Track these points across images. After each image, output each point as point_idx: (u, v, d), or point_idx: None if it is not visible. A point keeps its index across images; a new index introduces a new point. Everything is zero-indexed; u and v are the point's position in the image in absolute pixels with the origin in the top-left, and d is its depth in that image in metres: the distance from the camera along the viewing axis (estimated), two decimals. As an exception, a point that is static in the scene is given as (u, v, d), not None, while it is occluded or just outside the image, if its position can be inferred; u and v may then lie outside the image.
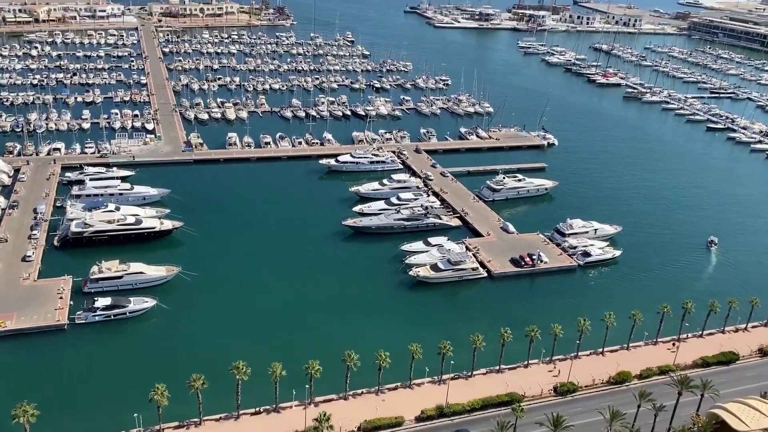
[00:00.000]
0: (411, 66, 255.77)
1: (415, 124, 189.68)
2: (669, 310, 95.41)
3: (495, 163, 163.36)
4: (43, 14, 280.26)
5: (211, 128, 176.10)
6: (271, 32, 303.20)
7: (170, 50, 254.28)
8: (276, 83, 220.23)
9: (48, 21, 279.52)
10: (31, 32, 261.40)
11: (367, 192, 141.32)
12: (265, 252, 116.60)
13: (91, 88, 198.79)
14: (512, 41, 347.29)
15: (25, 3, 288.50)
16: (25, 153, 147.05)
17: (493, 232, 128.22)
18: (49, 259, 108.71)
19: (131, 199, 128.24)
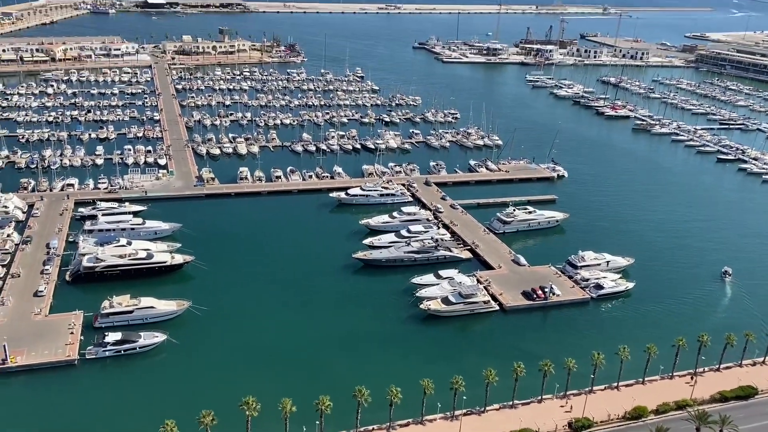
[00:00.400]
0: (420, 100, 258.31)
1: (424, 157, 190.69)
2: (685, 343, 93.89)
3: (505, 196, 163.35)
4: (59, 53, 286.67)
5: (223, 163, 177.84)
6: (282, 69, 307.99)
7: (183, 87, 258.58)
8: (287, 118, 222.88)
9: (64, 60, 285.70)
10: (47, 71, 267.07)
11: (377, 225, 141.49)
12: (276, 286, 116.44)
13: (105, 124, 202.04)
14: (520, 75, 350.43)
15: (42, 43, 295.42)
16: (39, 189, 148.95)
17: (504, 265, 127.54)
18: (61, 294, 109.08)
19: (143, 234, 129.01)
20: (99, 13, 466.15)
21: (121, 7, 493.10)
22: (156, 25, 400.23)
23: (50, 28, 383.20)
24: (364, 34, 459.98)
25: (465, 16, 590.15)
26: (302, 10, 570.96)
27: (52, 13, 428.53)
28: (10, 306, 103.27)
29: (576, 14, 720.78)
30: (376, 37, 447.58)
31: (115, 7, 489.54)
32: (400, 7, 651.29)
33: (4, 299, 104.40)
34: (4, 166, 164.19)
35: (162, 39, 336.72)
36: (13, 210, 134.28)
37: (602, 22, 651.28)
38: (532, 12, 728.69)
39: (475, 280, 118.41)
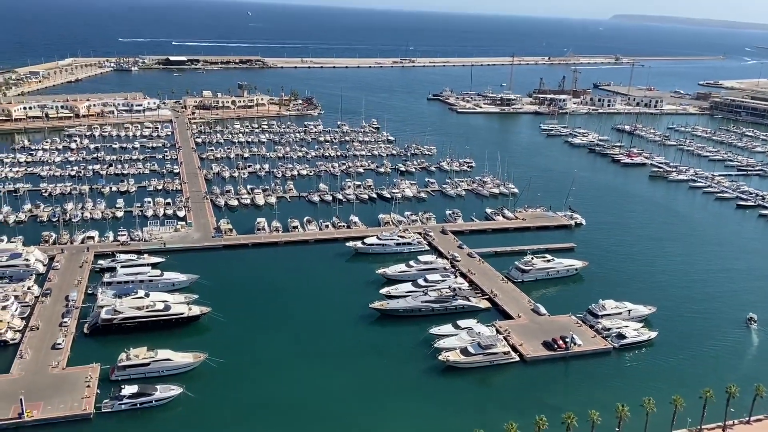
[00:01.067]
0: (435, 150, 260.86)
1: (440, 206, 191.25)
2: (712, 394, 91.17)
3: (522, 244, 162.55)
4: (83, 110, 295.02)
5: (241, 214, 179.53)
6: (299, 121, 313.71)
7: (203, 140, 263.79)
8: (304, 169, 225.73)
9: (88, 116, 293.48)
10: (71, 127, 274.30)
11: (394, 274, 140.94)
12: (293, 337, 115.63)
13: (126, 177, 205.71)
14: (534, 124, 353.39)
15: (67, 100, 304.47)
16: (60, 242, 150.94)
17: (523, 315, 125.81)
18: (79, 346, 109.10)
19: (161, 286, 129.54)
20: (122, 71, 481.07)
21: (144, 65, 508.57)
22: (177, 81, 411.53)
23: (75, 85, 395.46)
24: (379, 87, 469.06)
25: (478, 68, 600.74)
26: (319, 65, 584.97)
27: (77, 72, 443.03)
28: (29, 359, 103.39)
29: (588, 65, 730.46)
30: (391, 90, 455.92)
31: (138, 65, 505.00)
32: (414, 61, 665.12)
33: (22, 352, 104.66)
34: (27, 219, 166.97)
35: (183, 94, 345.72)
36: (35, 263, 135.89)
37: (615, 71, 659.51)
38: (544, 63, 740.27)
39: (494, 331, 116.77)
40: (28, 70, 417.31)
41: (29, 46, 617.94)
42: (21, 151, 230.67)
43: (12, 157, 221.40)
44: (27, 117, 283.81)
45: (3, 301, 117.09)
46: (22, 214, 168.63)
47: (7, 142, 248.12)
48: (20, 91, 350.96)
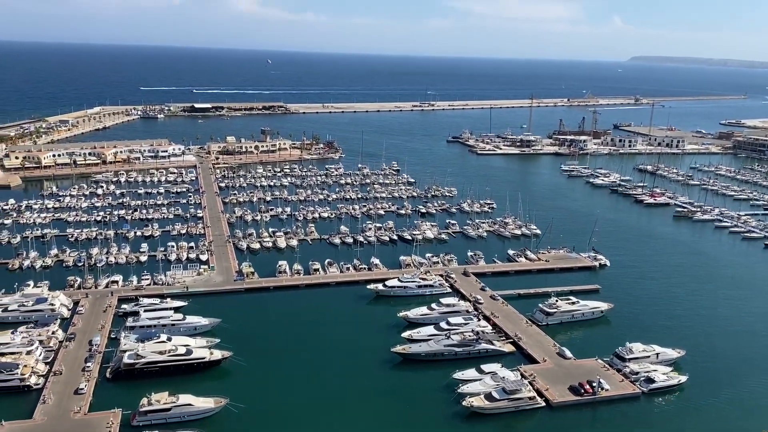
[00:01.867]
0: (455, 191, 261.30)
1: (462, 248, 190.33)
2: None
3: (546, 286, 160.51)
4: (110, 156, 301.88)
5: (263, 257, 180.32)
6: (320, 165, 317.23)
7: (226, 185, 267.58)
8: (325, 212, 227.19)
9: (114, 162, 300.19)
10: (98, 173, 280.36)
11: (416, 317, 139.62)
12: (314, 381, 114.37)
13: (150, 222, 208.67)
14: (555, 165, 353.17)
15: (95, 147, 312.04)
16: (84, 286, 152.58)
17: (549, 358, 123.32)
18: (101, 391, 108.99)
19: (183, 330, 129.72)
20: (149, 118, 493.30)
21: (170, 112, 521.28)
22: (202, 128, 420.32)
23: (103, 133, 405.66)
24: (399, 130, 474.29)
25: (497, 110, 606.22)
26: (340, 110, 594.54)
27: (105, 119, 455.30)
28: (51, 404, 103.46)
29: (608, 106, 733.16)
30: (411, 133, 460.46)
31: (164, 112, 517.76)
32: (433, 104, 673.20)
33: (45, 397, 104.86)
34: (54, 264, 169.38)
35: (207, 140, 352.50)
36: (59, 307, 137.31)
37: (635, 112, 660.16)
38: (563, 105, 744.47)
39: (519, 375, 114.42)
40: (58, 118, 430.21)
41: (60, 95, 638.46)
42: (49, 198, 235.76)
43: (41, 203, 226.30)
44: (56, 164, 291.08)
45: (28, 346, 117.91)
46: (49, 259, 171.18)
47: (37, 188, 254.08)
48: (50, 139, 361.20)
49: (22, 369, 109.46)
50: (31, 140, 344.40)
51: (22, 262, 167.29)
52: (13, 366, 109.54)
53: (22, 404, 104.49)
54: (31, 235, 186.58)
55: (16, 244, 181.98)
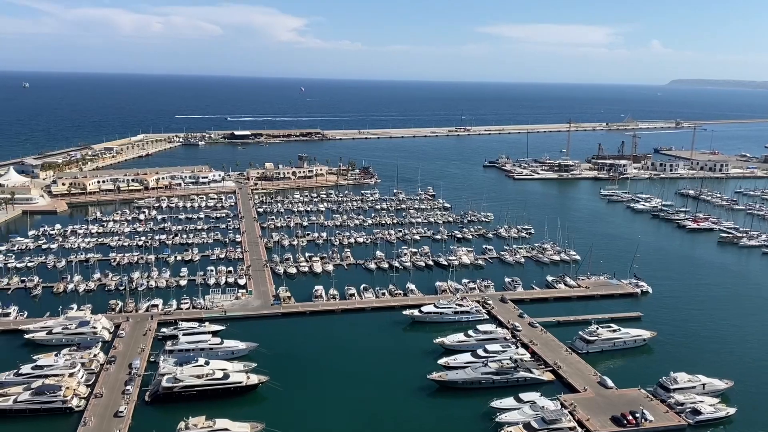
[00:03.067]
0: (492, 216, 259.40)
1: (499, 273, 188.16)
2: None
3: (586, 313, 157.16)
4: (152, 182, 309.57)
5: (299, 282, 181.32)
6: (356, 190, 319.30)
7: (264, 210, 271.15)
8: (361, 237, 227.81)
9: (156, 188, 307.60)
10: (141, 199, 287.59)
11: (453, 344, 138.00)
12: (349, 408, 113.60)
13: (190, 247, 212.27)
14: (594, 190, 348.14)
15: (138, 173, 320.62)
16: (126, 310, 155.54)
17: (589, 388, 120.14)
18: (140, 414, 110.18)
19: (220, 354, 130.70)
20: (190, 145, 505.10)
21: (210, 139, 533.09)
22: (241, 154, 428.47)
23: (146, 160, 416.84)
24: (435, 155, 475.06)
25: (534, 135, 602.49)
26: (376, 136, 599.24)
27: (148, 147, 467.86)
28: (91, 426, 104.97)
29: (648, 130, 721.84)
30: (447, 158, 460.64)
31: (205, 139, 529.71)
32: (469, 130, 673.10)
33: (86, 419, 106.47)
34: (96, 288, 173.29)
35: (246, 166, 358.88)
36: (101, 331, 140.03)
37: (676, 135, 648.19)
38: (602, 129, 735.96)
39: (558, 404, 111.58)
40: (103, 146, 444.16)
41: (105, 123, 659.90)
42: (93, 223, 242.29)
43: (85, 228, 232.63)
44: (100, 190, 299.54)
45: (71, 368, 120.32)
46: (92, 282, 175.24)
47: (82, 214, 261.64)
48: (95, 165, 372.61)
49: (64, 391, 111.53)
50: (77, 167, 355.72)
51: (67, 286, 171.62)
52: (56, 388, 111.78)
53: (64, 426, 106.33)
54: (75, 259, 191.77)
55: (61, 268, 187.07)
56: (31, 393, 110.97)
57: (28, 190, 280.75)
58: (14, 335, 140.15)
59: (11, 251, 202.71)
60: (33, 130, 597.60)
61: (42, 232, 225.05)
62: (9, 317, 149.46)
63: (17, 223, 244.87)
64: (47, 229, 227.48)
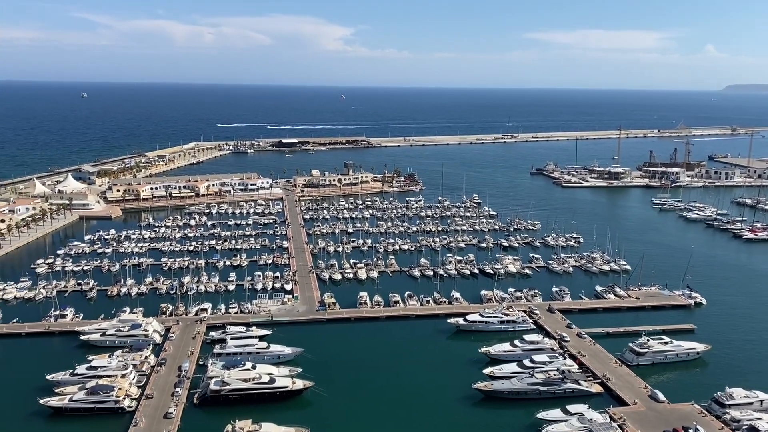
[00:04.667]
0: (539, 225, 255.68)
1: (546, 283, 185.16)
2: None
3: (636, 324, 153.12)
4: (203, 189, 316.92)
5: (344, 288, 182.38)
6: (401, 197, 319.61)
7: (310, 217, 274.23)
8: (405, 244, 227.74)
9: (207, 195, 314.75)
10: (191, 205, 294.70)
11: (498, 353, 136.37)
12: (393, 415, 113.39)
13: (239, 252, 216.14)
14: (645, 198, 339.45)
15: (189, 180, 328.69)
16: (176, 313, 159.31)
17: (640, 401, 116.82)
18: (189, 416, 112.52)
19: (267, 358, 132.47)
20: (239, 153, 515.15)
21: (259, 147, 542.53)
22: (288, 162, 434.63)
23: (197, 167, 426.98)
24: (480, 162, 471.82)
25: (583, 142, 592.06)
26: (421, 143, 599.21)
27: (199, 154, 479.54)
28: (142, 427, 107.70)
29: (702, 136, 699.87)
30: (493, 165, 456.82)
31: (254, 147, 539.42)
32: (516, 136, 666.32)
33: (137, 420, 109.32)
34: (148, 291, 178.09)
35: (293, 174, 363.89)
36: (152, 333, 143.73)
37: (731, 143, 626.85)
38: (654, 136, 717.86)
39: (607, 417, 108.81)
40: (156, 153, 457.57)
41: (158, 132, 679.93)
42: (146, 228, 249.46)
43: (138, 233, 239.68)
44: (153, 196, 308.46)
45: (123, 370, 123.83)
46: (144, 286, 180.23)
47: (135, 219, 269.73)
48: (149, 173, 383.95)
49: (117, 391, 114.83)
50: (131, 174, 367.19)
51: (120, 289, 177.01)
52: (109, 388, 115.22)
53: (116, 425, 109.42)
54: (128, 263, 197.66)
55: (115, 272, 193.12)
56: (85, 392, 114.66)
57: (84, 196, 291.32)
58: (71, 336, 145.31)
59: (69, 255, 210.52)
60: (90, 138, 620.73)
61: (97, 236, 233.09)
62: (66, 318, 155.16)
63: (74, 228, 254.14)
64: (102, 234, 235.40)
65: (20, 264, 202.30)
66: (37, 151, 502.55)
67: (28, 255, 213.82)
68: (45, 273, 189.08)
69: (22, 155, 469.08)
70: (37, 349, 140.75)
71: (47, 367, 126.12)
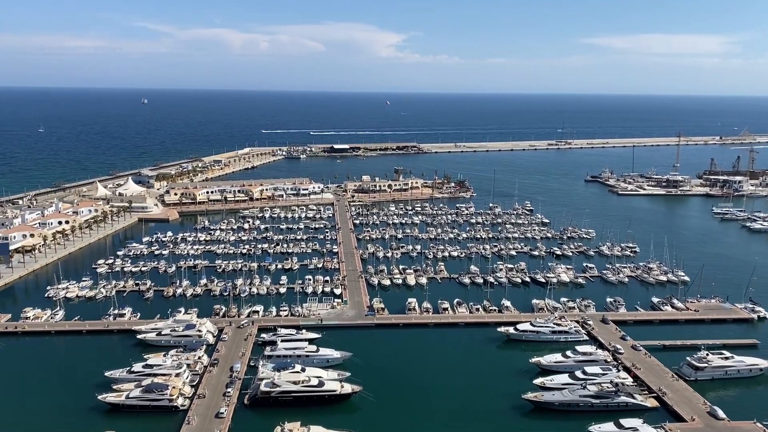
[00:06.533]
0: (594, 233, 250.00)
1: (600, 293, 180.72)
2: None
3: (695, 338, 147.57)
4: (257, 194, 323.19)
5: (393, 293, 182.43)
6: (451, 204, 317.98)
7: (360, 222, 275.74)
8: (455, 251, 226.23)
9: (260, 199, 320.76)
10: (245, 209, 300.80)
11: (549, 364, 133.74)
12: (441, 422, 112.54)
13: (290, 256, 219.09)
14: (705, 207, 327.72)
15: (243, 185, 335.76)
16: (229, 315, 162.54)
17: (698, 418, 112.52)
18: (239, 417, 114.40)
19: (316, 361, 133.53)
20: (292, 158, 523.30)
21: (311, 153, 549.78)
22: (340, 167, 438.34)
23: (251, 172, 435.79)
24: (533, 169, 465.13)
25: (640, 148, 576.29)
26: (472, 149, 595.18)
27: (253, 159, 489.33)
28: (194, 426, 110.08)
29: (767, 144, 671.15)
30: (546, 172, 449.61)
31: (306, 153, 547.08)
32: (570, 143, 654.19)
33: (190, 419, 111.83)
34: (202, 293, 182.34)
35: (344, 179, 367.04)
36: (206, 334, 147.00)
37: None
38: (715, 143, 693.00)
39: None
40: (212, 158, 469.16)
41: (214, 137, 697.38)
42: (202, 231, 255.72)
43: (194, 236, 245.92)
44: (209, 200, 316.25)
45: (177, 369, 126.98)
46: (198, 288, 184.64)
47: (191, 222, 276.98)
48: (205, 177, 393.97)
49: (171, 390, 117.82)
50: (188, 178, 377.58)
51: (176, 290, 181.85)
52: (163, 387, 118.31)
53: (170, 423, 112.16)
54: (184, 265, 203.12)
55: (171, 273, 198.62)
56: (141, 390, 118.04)
57: (144, 199, 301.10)
58: (128, 335, 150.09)
59: (128, 256, 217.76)
60: (150, 143, 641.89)
61: (155, 238, 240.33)
62: (124, 317, 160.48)
63: (133, 229, 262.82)
64: (160, 236, 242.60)
65: (82, 264, 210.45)
66: (100, 155, 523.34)
67: (90, 255, 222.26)
68: (105, 273, 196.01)
69: (85, 159, 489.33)
70: (97, 347, 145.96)
71: (106, 364, 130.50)
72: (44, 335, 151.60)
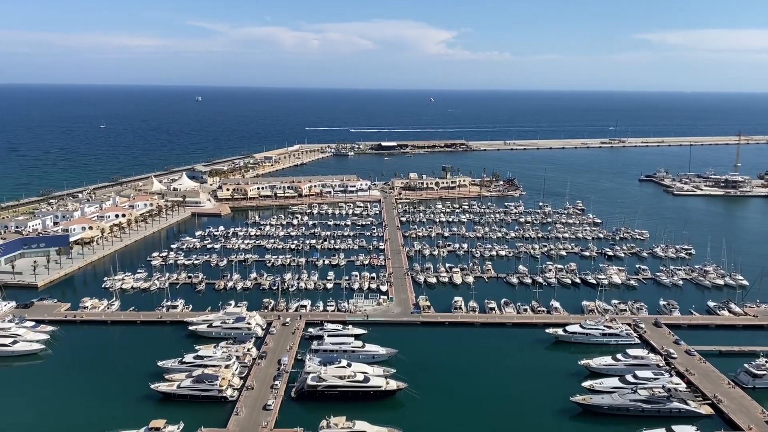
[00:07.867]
0: (647, 234, 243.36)
1: (653, 296, 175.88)
2: None
3: (754, 344, 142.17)
4: (305, 190, 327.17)
5: (439, 292, 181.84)
6: (500, 202, 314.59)
7: (407, 219, 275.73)
8: (503, 250, 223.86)
9: (309, 196, 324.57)
10: (294, 205, 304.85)
11: (599, 367, 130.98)
12: (487, 422, 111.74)
13: (337, 252, 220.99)
14: (766, 209, 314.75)
15: (293, 181, 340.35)
16: (277, 309, 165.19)
17: (755, 427, 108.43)
18: (286, 409, 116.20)
19: (361, 357, 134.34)
20: (340, 156, 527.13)
21: (359, 150, 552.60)
22: (387, 165, 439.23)
23: (300, 168, 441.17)
24: (585, 167, 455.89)
25: (697, 148, 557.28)
26: (522, 147, 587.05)
27: (302, 156, 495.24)
28: (243, 416, 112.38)
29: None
30: (599, 171, 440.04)
31: (354, 150, 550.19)
32: (624, 141, 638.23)
33: (238, 410, 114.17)
34: (252, 287, 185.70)
35: (391, 176, 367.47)
36: (255, 327, 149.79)
37: None
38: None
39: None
40: (263, 155, 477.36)
41: (265, 134, 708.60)
42: (252, 226, 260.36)
43: (245, 230, 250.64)
44: (259, 196, 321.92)
45: (227, 360, 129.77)
46: (248, 281, 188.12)
47: (242, 217, 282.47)
48: (256, 173, 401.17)
49: (220, 381, 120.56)
50: (240, 174, 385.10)
51: (227, 283, 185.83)
52: (213, 378, 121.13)
53: (219, 413, 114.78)
54: (235, 259, 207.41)
55: (222, 267, 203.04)
56: (192, 380, 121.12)
57: (197, 194, 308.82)
58: (180, 326, 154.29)
59: (181, 249, 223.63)
60: (204, 139, 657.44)
61: (207, 232, 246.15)
62: (176, 309, 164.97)
63: (186, 224, 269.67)
64: (212, 231, 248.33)
65: (138, 256, 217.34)
66: (156, 150, 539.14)
67: (144, 248, 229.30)
68: (159, 266, 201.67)
69: (142, 155, 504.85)
70: (150, 337, 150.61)
71: (158, 353, 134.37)
72: (101, 324, 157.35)
